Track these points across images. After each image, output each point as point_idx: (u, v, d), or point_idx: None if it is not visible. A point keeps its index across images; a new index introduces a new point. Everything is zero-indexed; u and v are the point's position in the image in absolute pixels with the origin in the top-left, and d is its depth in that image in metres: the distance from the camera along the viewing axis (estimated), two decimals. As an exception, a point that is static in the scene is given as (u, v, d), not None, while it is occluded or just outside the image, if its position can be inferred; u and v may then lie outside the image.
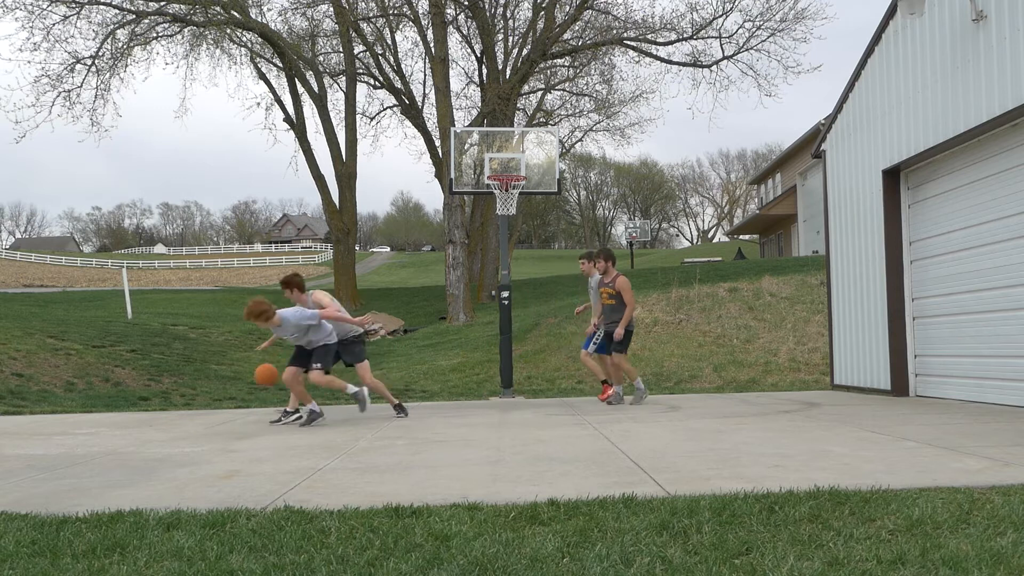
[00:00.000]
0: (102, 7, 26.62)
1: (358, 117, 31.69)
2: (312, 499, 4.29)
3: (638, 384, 9.71)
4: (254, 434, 7.53)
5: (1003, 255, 8.10)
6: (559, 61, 31.57)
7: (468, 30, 33.12)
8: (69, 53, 26.83)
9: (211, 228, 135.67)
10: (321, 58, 31.78)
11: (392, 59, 30.92)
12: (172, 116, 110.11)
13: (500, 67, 31.23)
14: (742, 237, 58.42)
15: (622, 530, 3.45)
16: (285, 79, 31.22)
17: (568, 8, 28.70)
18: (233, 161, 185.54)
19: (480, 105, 30.24)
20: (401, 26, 30.85)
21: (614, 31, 28.84)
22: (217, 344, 18.59)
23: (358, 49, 30.59)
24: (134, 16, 26.97)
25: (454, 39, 39.94)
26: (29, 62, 66.12)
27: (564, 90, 35.57)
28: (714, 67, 29.11)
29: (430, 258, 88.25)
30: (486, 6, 30.57)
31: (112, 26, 26.92)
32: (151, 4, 27.33)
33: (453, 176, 12.80)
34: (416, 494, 4.35)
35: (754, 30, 27.59)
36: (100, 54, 27.01)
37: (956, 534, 3.28)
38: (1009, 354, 8.03)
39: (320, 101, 30.37)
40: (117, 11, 26.91)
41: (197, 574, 3.03)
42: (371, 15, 29.98)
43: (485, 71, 31.68)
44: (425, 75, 35.16)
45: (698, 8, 32.71)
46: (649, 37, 28.69)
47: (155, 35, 27.80)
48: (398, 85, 30.82)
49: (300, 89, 30.90)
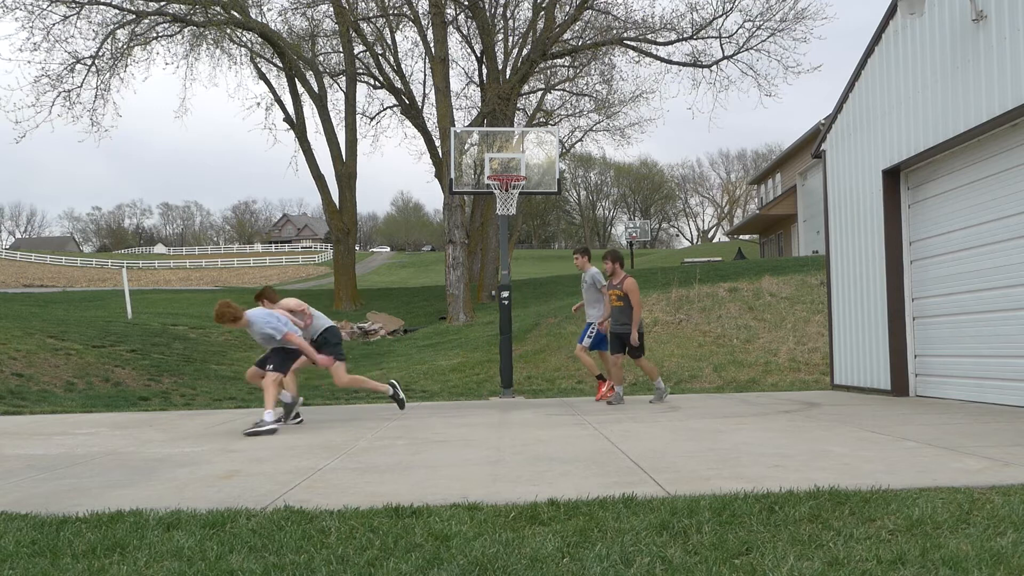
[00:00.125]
0: (102, 7, 26.64)
1: (358, 117, 31.75)
2: (312, 499, 4.29)
3: (659, 384, 9.80)
4: (254, 434, 7.52)
5: (1003, 255, 8.10)
6: (559, 61, 31.58)
7: (468, 30, 33.16)
8: (69, 53, 26.89)
9: (211, 228, 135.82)
10: (321, 58, 31.80)
11: (392, 59, 30.94)
12: (172, 116, 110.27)
13: (500, 67, 31.24)
14: (742, 237, 58.44)
15: (622, 530, 3.45)
16: (285, 79, 31.25)
17: (568, 8, 28.70)
18: (233, 161, 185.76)
19: (480, 105, 30.24)
20: (401, 26, 30.88)
21: (614, 31, 28.85)
22: (217, 344, 18.59)
23: (358, 49, 30.61)
24: (134, 16, 26.99)
25: (454, 39, 39.99)
26: (29, 62, 66.29)
27: (564, 90, 35.61)
28: (714, 67, 29.15)
29: (430, 258, 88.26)
30: (486, 6, 30.58)
31: (112, 26, 26.95)
32: (151, 4, 27.34)
33: (453, 176, 12.79)
34: (416, 494, 4.35)
35: (754, 30, 27.62)
36: (100, 54, 27.03)
37: (956, 534, 3.28)
38: (1009, 354, 8.03)
39: (320, 101, 30.38)
40: (117, 11, 26.93)
41: (197, 574, 3.04)
42: (371, 15, 29.99)
43: (485, 71, 31.69)
44: (425, 75, 35.20)
45: (698, 8, 32.79)
46: (649, 37, 28.70)
47: (155, 35, 27.82)
48: (398, 85, 30.83)
49: (300, 89, 30.92)
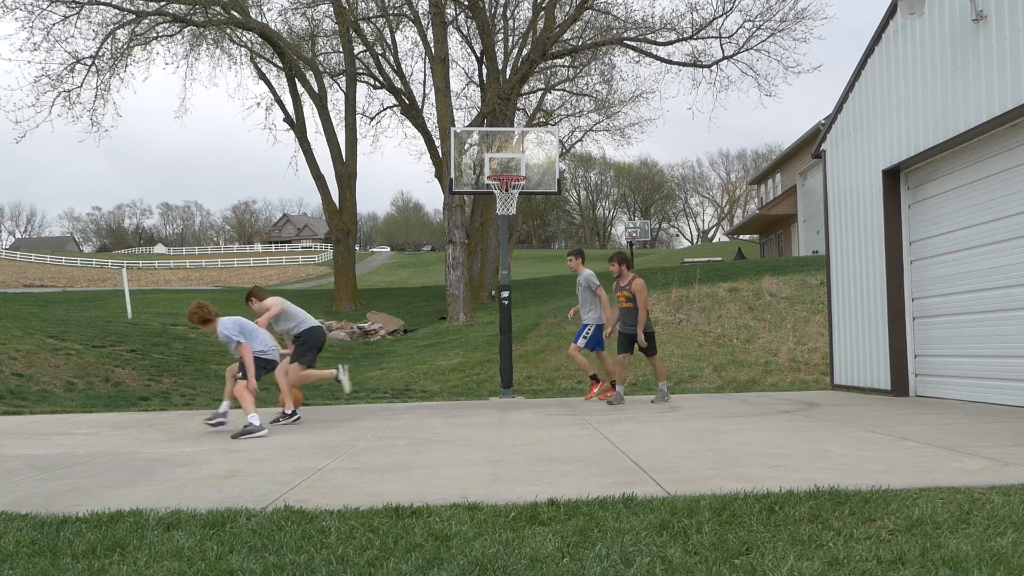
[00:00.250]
0: (102, 7, 26.65)
1: (358, 117, 31.77)
2: (312, 499, 4.29)
3: (662, 386, 9.91)
4: (254, 434, 7.52)
5: (1003, 255, 8.10)
6: (559, 61, 31.59)
7: (468, 30, 33.17)
8: (69, 53, 26.91)
9: (211, 228, 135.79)
10: (321, 58, 31.81)
11: (392, 59, 30.94)
12: (172, 116, 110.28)
13: (500, 67, 31.25)
14: (742, 237, 58.42)
15: (622, 530, 3.45)
16: (285, 79, 31.26)
17: (568, 8, 28.72)
18: (233, 161, 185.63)
19: (480, 105, 30.25)
20: (401, 26, 30.89)
21: (614, 31, 28.86)
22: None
23: (358, 49, 30.62)
24: (134, 16, 27.00)
25: (454, 39, 40.00)
26: (29, 62, 66.39)
27: (564, 90, 35.63)
28: (714, 67, 29.16)
29: (430, 258, 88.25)
30: (486, 6, 30.59)
31: (112, 26, 26.97)
32: (151, 4, 27.35)
33: (453, 176, 12.79)
34: (416, 494, 4.35)
35: (754, 30, 27.64)
36: (100, 54, 27.04)
37: (956, 534, 3.28)
38: (1009, 354, 8.03)
39: (320, 101, 30.38)
40: (117, 11, 26.95)
41: (197, 574, 3.03)
42: (371, 15, 30.00)
43: (485, 71, 31.70)
44: (425, 75, 35.21)
45: (698, 8, 32.84)
46: (649, 37, 28.71)
47: (155, 35, 27.84)
48: (398, 85, 30.83)
49: (300, 89, 30.93)
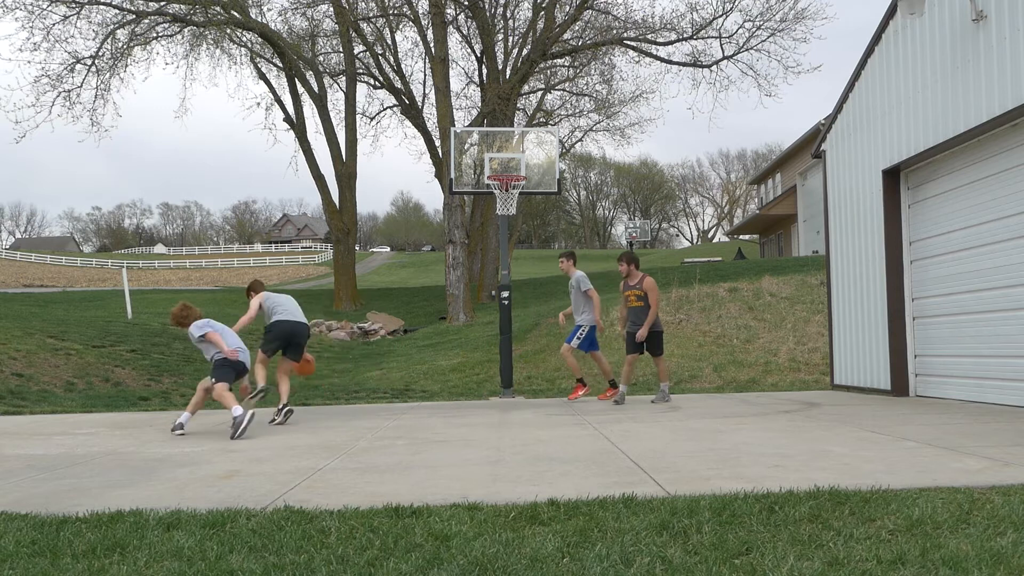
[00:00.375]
0: (102, 7, 26.65)
1: (358, 117, 31.77)
2: (312, 499, 4.29)
3: (664, 387, 9.91)
4: (254, 434, 7.52)
5: (1003, 255, 8.10)
6: (559, 61, 31.59)
7: (468, 30, 33.16)
8: (69, 53, 26.91)
9: (211, 228, 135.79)
10: (321, 58, 31.81)
11: (392, 59, 30.94)
12: (172, 116, 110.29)
13: (500, 67, 31.24)
14: (742, 237, 58.42)
15: (622, 530, 3.45)
16: (285, 79, 31.26)
17: (568, 8, 28.71)
18: (233, 161, 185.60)
19: (480, 105, 30.24)
20: (401, 26, 30.90)
21: (614, 31, 28.86)
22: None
23: (358, 49, 30.62)
24: (134, 16, 27.00)
25: (454, 39, 40.00)
26: (29, 62, 66.43)
27: (564, 90, 35.63)
28: (714, 67, 29.16)
29: (430, 258, 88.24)
30: (486, 6, 30.58)
31: (112, 26, 26.97)
32: (151, 4, 27.35)
33: (453, 176, 12.79)
34: (416, 494, 4.35)
35: (754, 30, 27.64)
36: (100, 54, 27.05)
37: (956, 534, 3.28)
38: (1009, 354, 8.03)
39: (320, 101, 30.38)
40: (117, 11, 26.95)
41: (197, 574, 3.03)
42: (371, 15, 30.00)
43: (485, 71, 31.69)
44: (425, 75, 35.21)
45: (698, 8, 32.88)
46: (649, 37, 28.71)
47: (155, 35, 27.84)
48: (398, 85, 30.83)
49: (300, 89, 30.93)
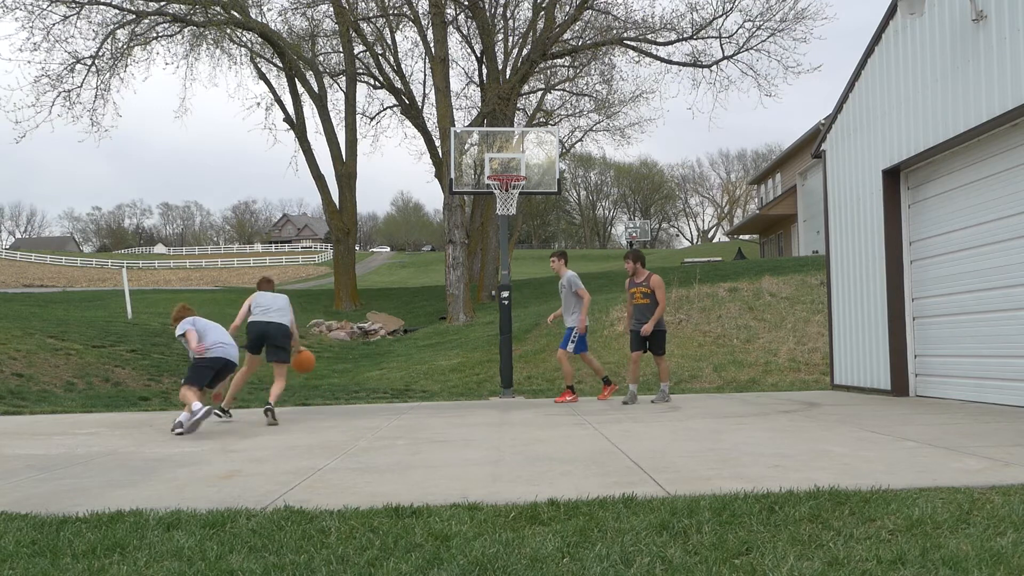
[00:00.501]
0: (102, 7, 26.65)
1: (358, 117, 31.75)
2: (312, 499, 4.29)
3: (664, 387, 9.93)
4: (254, 434, 7.53)
5: (1003, 255, 8.10)
6: (559, 61, 31.59)
7: (468, 30, 33.17)
8: (69, 53, 26.91)
9: (211, 228, 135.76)
10: (321, 58, 31.81)
11: (392, 59, 30.94)
12: (172, 116, 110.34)
13: (500, 67, 31.25)
14: (742, 237, 58.42)
15: (622, 530, 3.45)
16: (285, 79, 31.25)
17: (568, 8, 28.71)
18: (233, 161, 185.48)
19: (480, 105, 30.24)
20: (401, 26, 30.89)
21: (614, 31, 28.86)
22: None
23: (358, 49, 30.61)
24: (134, 16, 27.00)
25: (454, 39, 40.02)
26: (29, 62, 66.44)
27: (564, 90, 35.63)
28: (714, 67, 29.16)
29: (430, 258, 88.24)
30: (486, 6, 30.58)
31: (112, 26, 26.96)
32: (151, 4, 27.35)
33: (453, 176, 12.79)
34: (416, 494, 4.34)
35: (754, 30, 27.64)
36: (100, 54, 27.04)
37: (956, 534, 3.28)
38: (1009, 354, 8.03)
39: (320, 101, 30.37)
40: (117, 11, 26.95)
41: (197, 574, 3.03)
42: (371, 15, 29.99)
43: (485, 71, 31.69)
44: (425, 75, 35.22)
45: (698, 8, 32.84)
46: (649, 37, 28.71)
47: (155, 35, 27.84)
48: (398, 85, 30.83)
49: (300, 89, 30.92)
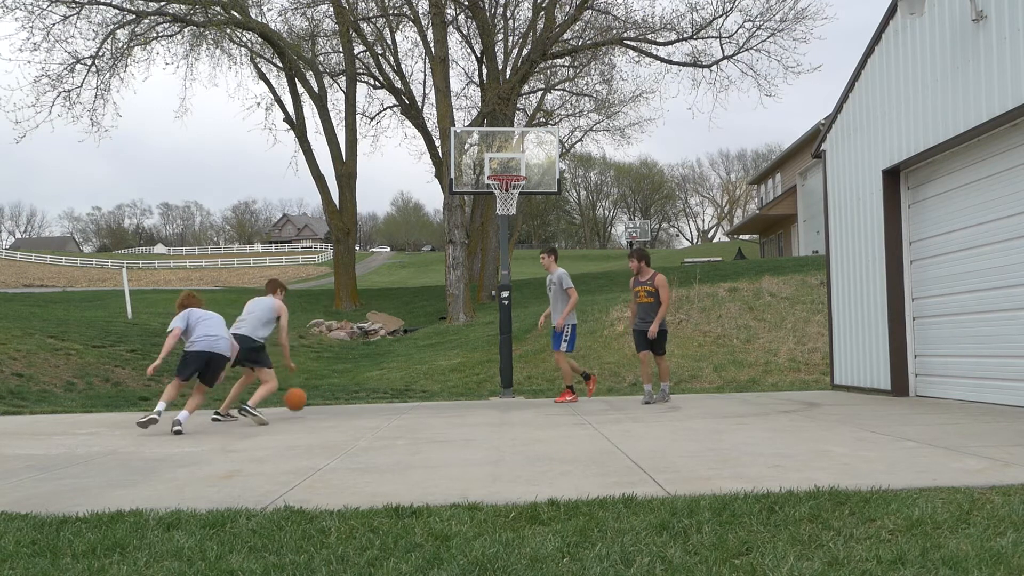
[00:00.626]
0: (102, 7, 26.64)
1: (358, 117, 31.73)
2: (312, 499, 4.29)
3: (664, 387, 9.94)
4: (254, 434, 7.54)
5: (1003, 255, 8.10)
6: (559, 61, 31.58)
7: (468, 30, 33.16)
8: (69, 53, 26.88)
9: (211, 228, 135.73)
10: (321, 58, 31.79)
11: (392, 59, 30.92)
12: (172, 116, 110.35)
13: (500, 67, 31.24)
14: (742, 237, 58.42)
15: (622, 530, 3.45)
16: (285, 79, 31.23)
17: (568, 8, 28.70)
18: (233, 161, 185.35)
19: (480, 105, 30.24)
20: (401, 26, 30.87)
21: (614, 31, 28.84)
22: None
23: (358, 49, 30.59)
24: (134, 16, 26.99)
25: (454, 39, 40.01)
26: (29, 62, 66.40)
27: (564, 90, 35.63)
28: (714, 67, 29.14)
29: (430, 258, 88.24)
30: (486, 6, 30.57)
31: (112, 26, 26.95)
32: (151, 4, 27.34)
33: (453, 176, 12.79)
34: (416, 494, 4.34)
35: (754, 30, 27.62)
36: (100, 54, 27.03)
37: (956, 534, 3.28)
38: (1009, 354, 8.03)
39: (320, 101, 30.36)
40: (117, 11, 26.93)
41: (197, 574, 3.03)
42: (371, 15, 29.98)
43: (485, 71, 31.68)
44: (425, 75, 35.21)
45: (698, 8, 32.81)
46: (649, 37, 28.70)
47: (155, 35, 27.81)
48: (398, 85, 30.81)
49: (300, 89, 30.90)
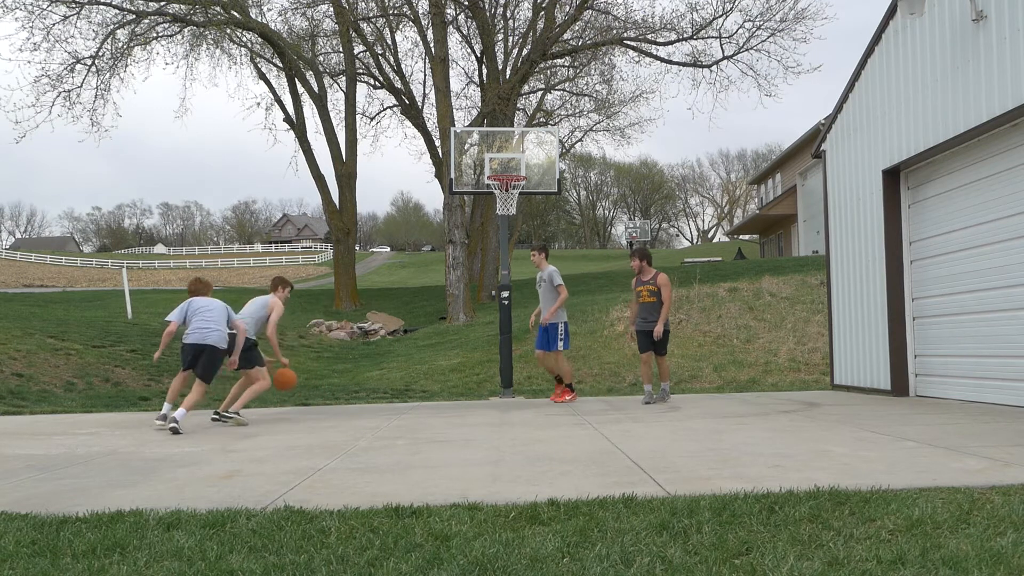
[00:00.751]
0: (102, 7, 26.63)
1: (358, 117, 31.72)
2: (312, 499, 4.29)
3: (664, 386, 9.96)
4: (254, 434, 7.53)
5: (1003, 255, 8.10)
6: (559, 61, 31.57)
7: (468, 30, 33.15)
8: (69, 53, 26.87)
9: (211, 228, 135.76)
10: (321, 58, 31.78)
11: (392, 59, 30.92)
12: (172, 116, 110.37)
13: (500, 67, 31.23)
14: (742, 237, 58.43)
15: (622, 530, 3.45)
16: (285, 79, 31.22)
17: (568, 8, 28.69)
18: (233, 161, 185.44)
19: (480, 105, 30.23)
20: (401, 26, 30.86)
21: (614, 31, 28.84)
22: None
23: (358, 49, 30.59)
24: (134, 16, 26.98)
25: (454, 39, 40.03)
26: (29, 62, 66.39)
27: (564, 90, 35.62)
28: (714, 67, 29.13)
29: (430, 258, 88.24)
30: (486, 6, 30.57)
31: (112, 26, 26.94)
32: (151, 4, 27.33)
33: (453, 176, 12.79)
34: (416, 494, 4.34)
35: (754, 30, 27.61)
36: (100, 54, 27.02)
37: (956, 534, 3.28)
38: (1009, 354, 8.03)
39: (320, 101, 30.36)
40: (117, 11, 26.93)
41: (197, 574, 3.03)
42: (371, 15, 29.97)
43: (485, 71, 31.68)
44: (425, 75, 35.22)
45: (698, 8, 32.88)
46: (649, 37, 28.69)
47: (155, 35, 27.80)
48: (398, 85, 30.81)
49: (300, 89, 30.90)
